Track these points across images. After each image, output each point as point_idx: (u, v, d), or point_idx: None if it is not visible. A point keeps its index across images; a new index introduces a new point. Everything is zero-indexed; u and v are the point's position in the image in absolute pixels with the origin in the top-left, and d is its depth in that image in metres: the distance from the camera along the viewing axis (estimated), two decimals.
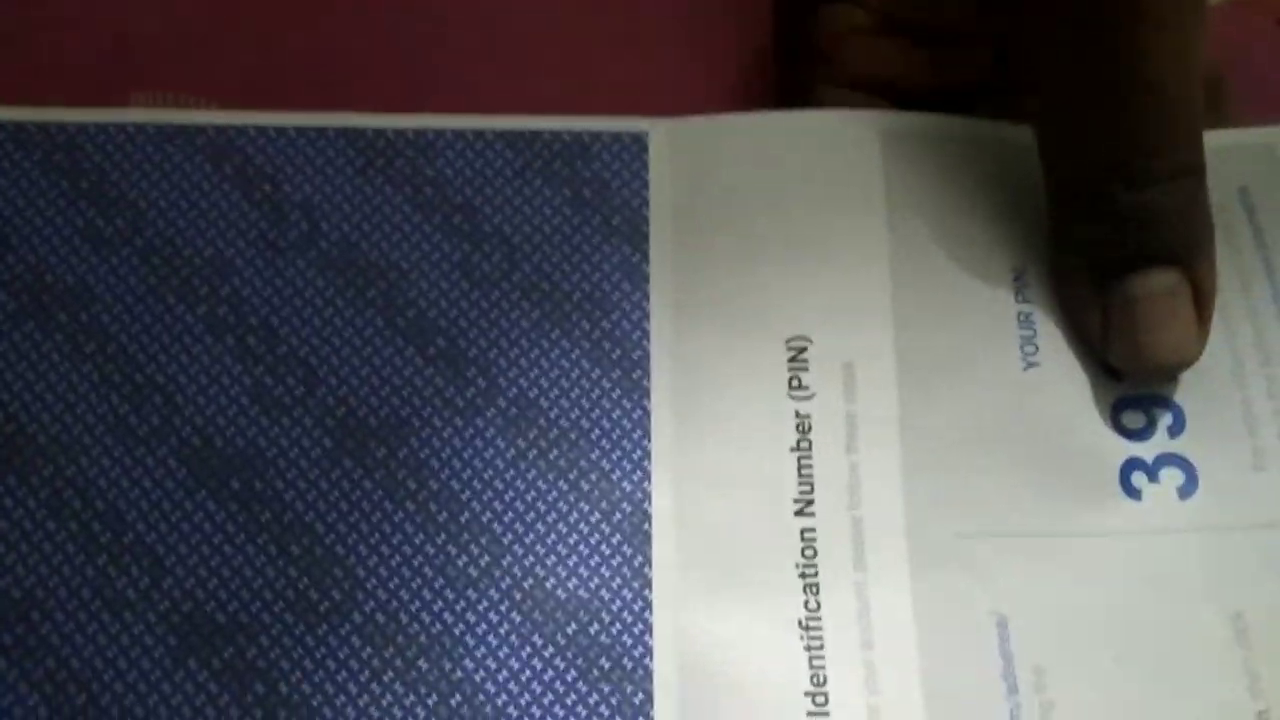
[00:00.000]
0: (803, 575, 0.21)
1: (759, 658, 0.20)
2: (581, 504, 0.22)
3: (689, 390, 0.22)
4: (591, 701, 0.20)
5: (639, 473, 0.22)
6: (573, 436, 0.22)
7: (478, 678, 0.20)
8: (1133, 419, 0.22)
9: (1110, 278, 0.21)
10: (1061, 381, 0.22)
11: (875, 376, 0.22)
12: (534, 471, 0.22)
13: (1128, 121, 0.20)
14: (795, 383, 0.22)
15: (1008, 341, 0.22)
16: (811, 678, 0.20)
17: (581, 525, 0.21)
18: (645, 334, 0.23)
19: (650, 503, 0.22)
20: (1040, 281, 0.22)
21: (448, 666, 0.20)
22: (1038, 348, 0.22)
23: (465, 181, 0.23)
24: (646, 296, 0.23)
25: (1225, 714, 0.19)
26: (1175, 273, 0.20)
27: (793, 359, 0.22)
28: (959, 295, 0.22)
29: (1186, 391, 0.22)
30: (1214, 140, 0.23)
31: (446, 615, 0.21)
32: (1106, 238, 0.21)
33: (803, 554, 0.21)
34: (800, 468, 0.22)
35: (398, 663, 0.20)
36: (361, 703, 0.20)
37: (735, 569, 0.21)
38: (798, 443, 0.22)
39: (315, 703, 0.20)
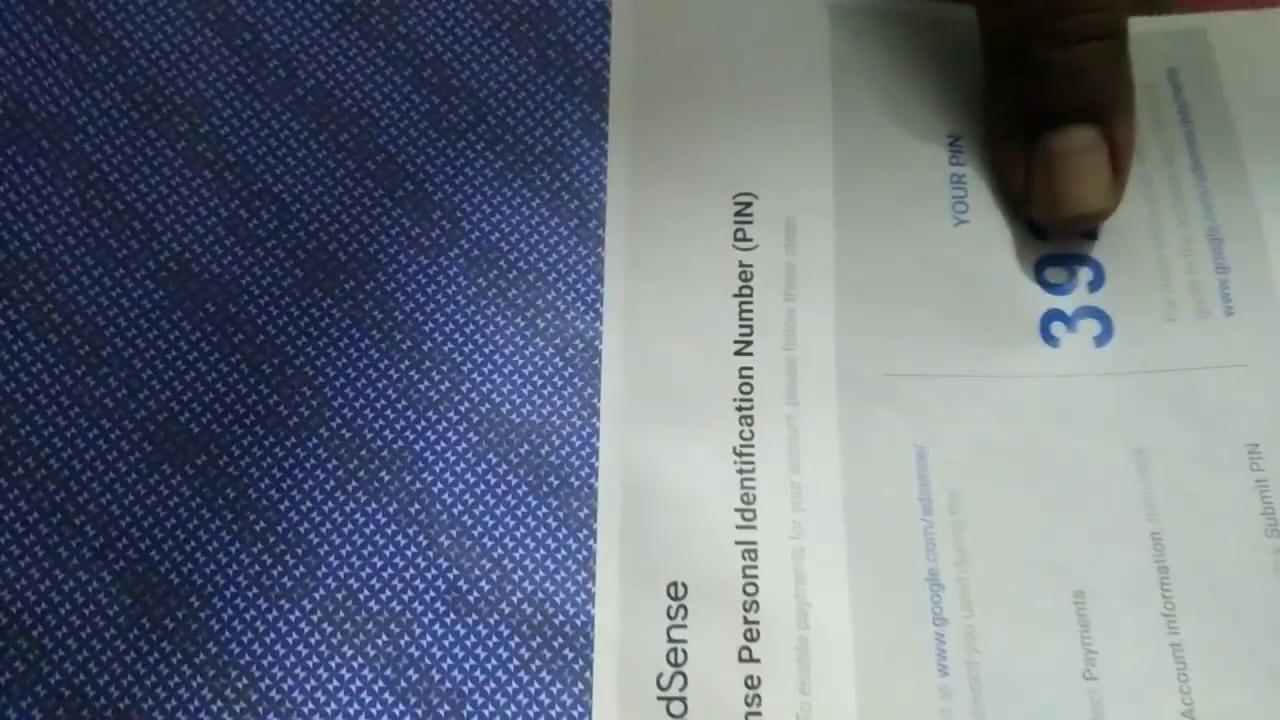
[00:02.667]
0: (739, 408, 0.22)
1: (695, 478, 0.22)
2: (537, 339, 0.23)
3: (641, 240, 0.24)
4: (540, 514, 0.22)
5: (591, 314, 0.23)
6: (530, 278, 0.23)
7: (436, 489, 0.22)
8: (1055, 274, 0.23)
9: (1033, 134, 0.22)
10: (989, 238, 0.23)
11: (814, 230, 0.23)
12: (493, 308, 0.23)
13: None
14: (740, 235, 0.24)
15: (940, 200, 0.24)
16: (742, 496, 0.22)
17: (536, 358, 0.23)
18: (602, 187, 0.24)
19: (601, 340, 0.23)
20: (973, 147, 0.24)
21: (408, 479, 0.22)
22: (968, 206, 0.24)
23: (436, 39, 0.25)
24: (604, 153, 0.24)
25: (1122, 535, 0.21)
26: (1093, 130, 0.22)
27: (738, 213, 0.24)
28: (896, 156, 0.24)
29: (1107, 250, 0.23)
30: (1149, 24, 0.24)
31: (408, 433, 0.22)
32: (1030, 94, 0.22)
33: (740, 389, 0.23)
34: (741, 312, 0.23)
35: (361, 474, 0.22)
36: (326, 509, 0.21)
37: (677, 401, 0.22)
38: (740, 289, 0.23)
39: (282, 508, 0.21)
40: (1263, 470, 0.21)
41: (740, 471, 0.22)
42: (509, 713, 0.20)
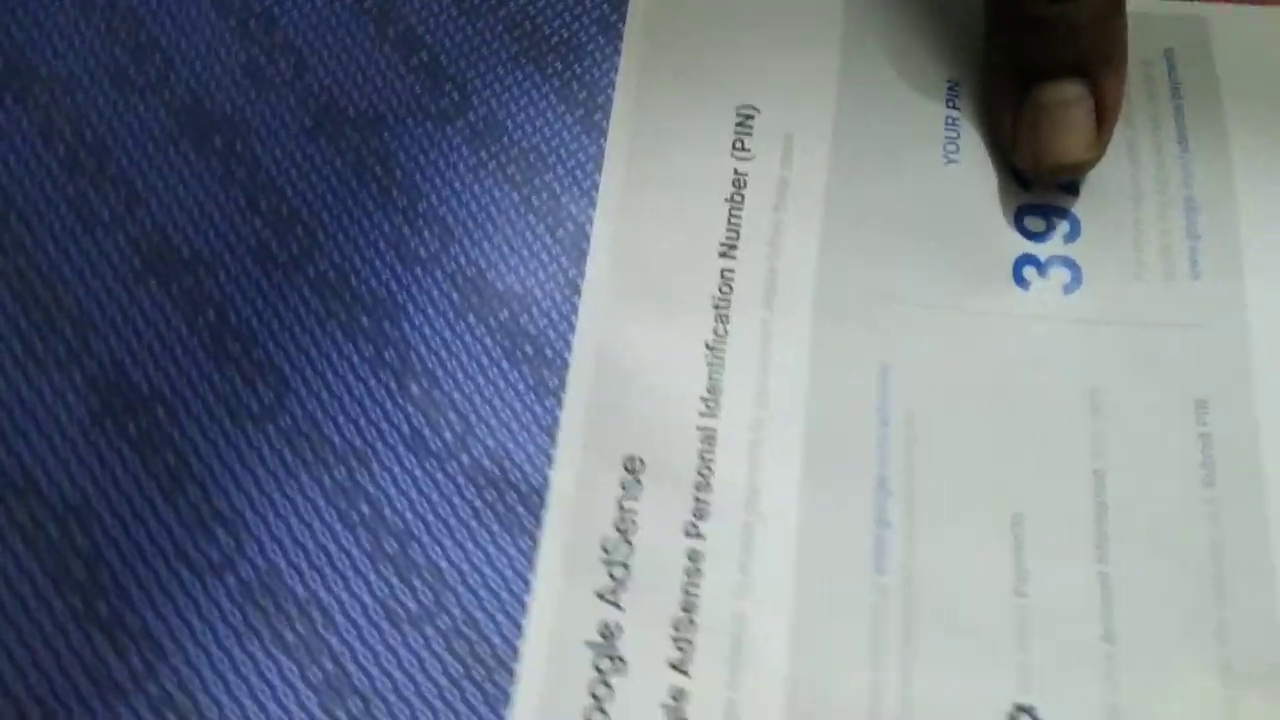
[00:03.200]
0: (716, 306, 0.23)
1: (665, 363, 0.22)
2: (529, 215, 0.24)
3: (643, 137, 0.24)
4: (511, 378, 0.22)
5: (586, 199, 0.24)
6: (531, 158, 0.24)
7: (412, 340, 0.22)
8: (1035, 223, 0.24)
9: (1024, 85, 0.23)
10: (975, 179, 0.24)
11: (811, 149, 0.24)
12: (491, 180, 0.24)
13: None
14: (739, 145, 0.24)
15: (933, 139, 0.24)
16: (708, 386, 0.22)
17: (526, 233, 0.23)
18: (611, 83, 0.25)
19: (591, 225, 0.24)
20: (970, 95, 0.25)
21: (387, 326, 0.22)
22: (959, 148, 0.24)
23: None
24: (619, 51, 0.25)
25: (1067, 468, 0.22)
26: (1081, 85, 0.23)
27: (740, 124, 0.24)
28: (896, 92, 0.25)
29: (1086, 205, 0.24)
30: (1153, 5, 0.25)
31: (393, 284, 0.23)
32: (1024, 46, 0.23)
33: (719, 289, 0.23)
34: (730, 217, 0.24)
35: (342, 315, 0.22)
36: (303, 343, 0.22)
37: (659, 291, 0.23)
38: (731, 196, 0.24)
39: (260, 337, 0.22)
40: (1207, 426, 0.22)
41: (710, 364, 0.23)
42: (454, 557, 0.21)
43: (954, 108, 0.25)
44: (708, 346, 0.23)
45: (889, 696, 0.20)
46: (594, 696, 0.20)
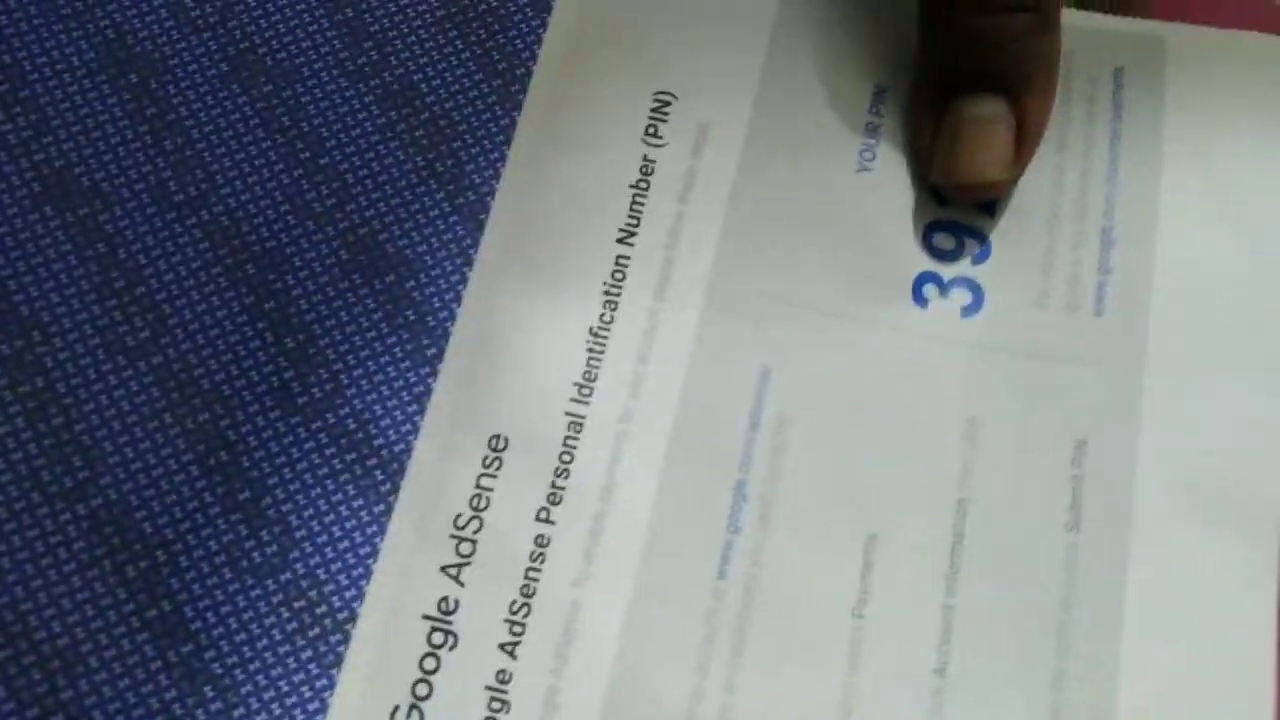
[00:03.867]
0: (606, 293, 0.23)
1: (545, 346, 0.22)
2: (431, 180, 0.24)
3: (558, 113, 0.24)
4: (389, 342, 0.22)
5: (491, 170, 0.24)
6: (441, 124, 0.24)
7: (294, 293, 0.22)
8: (944, 240, 0.24)
9: (947, 97, 0.22)
10: (887, 190, 0.24)
11: (724, 142, 0.24)
12: (396, 142, 0.24)
13: None
14: (652, 130, 0.24)
15: (850, 144, 0.24)
16: (585, 374, 0.22)
17: (425, 198, 0.23)
18: (533, 55, 0.24)
19: (493, 196, 0.23)
20: (895, 103, 0.24)
21: (271, 277, 0.22)
22: (875, 155, 0.24)
23: None
24: (544, 25, 0.25)
25: (930, 495, 0.21)
26: (1003, 103, 0.22)
27: (655, 110, 0.24)
28: (819, 92, 0.24)
29: (1002, 227, 0.24)
30: (1110, 23, 0.25)
31: (283, 235, 0.23)
32: (948, 56, 0.22)
33: (612, 275, 0.23)
34: (633, 203, 0.24)
35: (228, 261, 0.22)
36: (186, 284, 0.22)
37: (550, 271, 0.23)
38: (637, 182, 0.24)
39: (145, 274, 0.22)
40: (1082, 468, 0.22)
41: (590, 351, 0.23)
42: (306, 514, 0.21)
43: (876, 114, 0.24)
44: (591, 333, 0.23)
45: (709, 701, 0.20)
46: (422, 669, 0.20)
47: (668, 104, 0.24)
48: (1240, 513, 0.21)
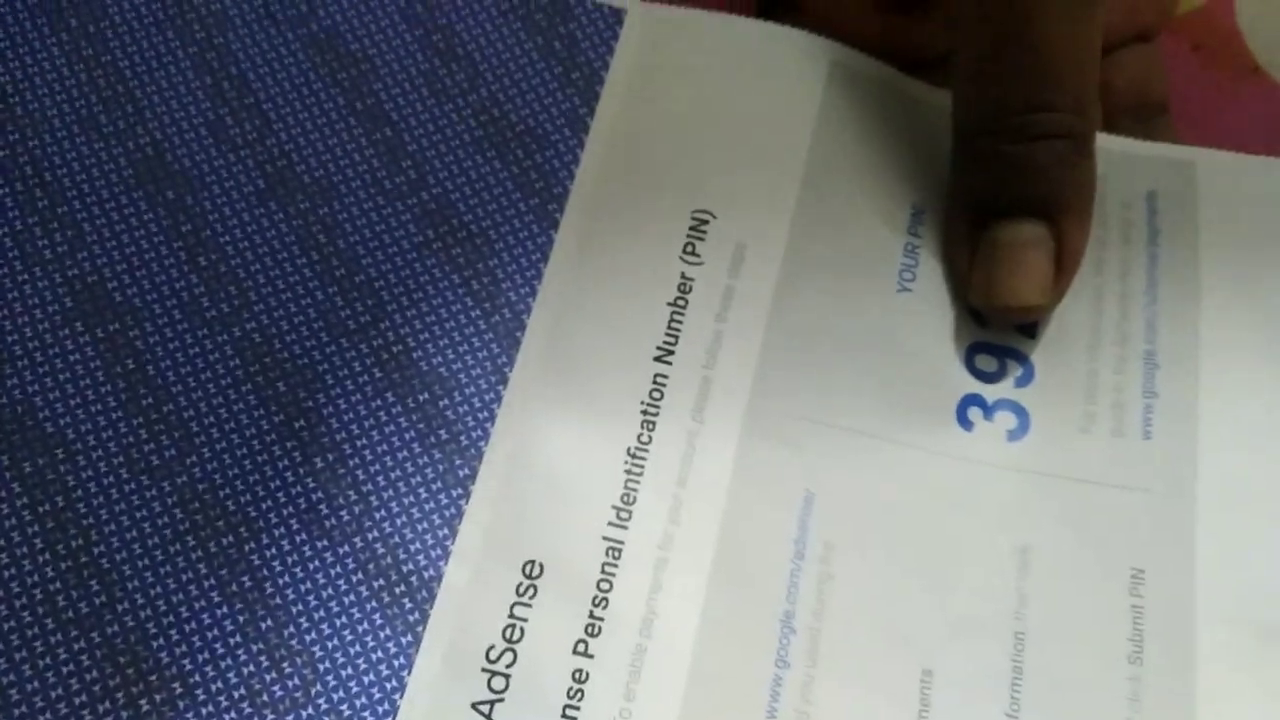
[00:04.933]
0: (644, 412, 0.22)
1: (582, 467, 0.22)
2: (467, 298, 0.23)
3: (594, 233, 0.24)
4: (420, 462, 0.22)
5: (527, 288, 0.23)
6: (478, 241, 0.24)
7: (325, 411, 0.22)
8: (987, 362, 0.23)
9: (984, 222, 0.22)
10: (928, 311, 0.23)
11: (762, 261, 0.24)
12: (433, 259, 0.23)
13: (1010, 79, 0.22)
14: (690, 249, 0.24)
15: (889, 264, 0.24)
16: (623, 496, 0.22)
17: (461, 315, 0.23)
18: (571, 175, 0.24)
19: (530, 315, 0.23)
20: (934, 224, 0.24)
21: (302, 394, 0.22)
22: (915, 276, 0.24)
23: (453, 8, 0.26)
24: (582, 145, 0.25)
25: (985, 627, 0.21)
26: (1041, 226, 0.22)
27: (694, 228, 0.24)
28: (858, 211, 0.24)
29: (1042, 351, 0.23)
30: (1140, 148, 0.25)
31: (315, 353, 0.22)
32: (986, 184, 0.22)
33: (650, 395, 0.23)
34: (671, 322, 0.23)
35: (259, 378, 0.22)
36: (214, 402, 0.21)
37: (587, 390, 0.22)
38: (675, 299, 0.23)
39: (174, 390, 0.21)
40: (1141, 597, 0.21)
41: (628, 472, 0.22)
42: (330, 645, 0.20)
43: (916, 234, 0.24)
44: (630, 454, 0.22)
45: None
46: None
47: (705, 222, 0.24)
48: None
